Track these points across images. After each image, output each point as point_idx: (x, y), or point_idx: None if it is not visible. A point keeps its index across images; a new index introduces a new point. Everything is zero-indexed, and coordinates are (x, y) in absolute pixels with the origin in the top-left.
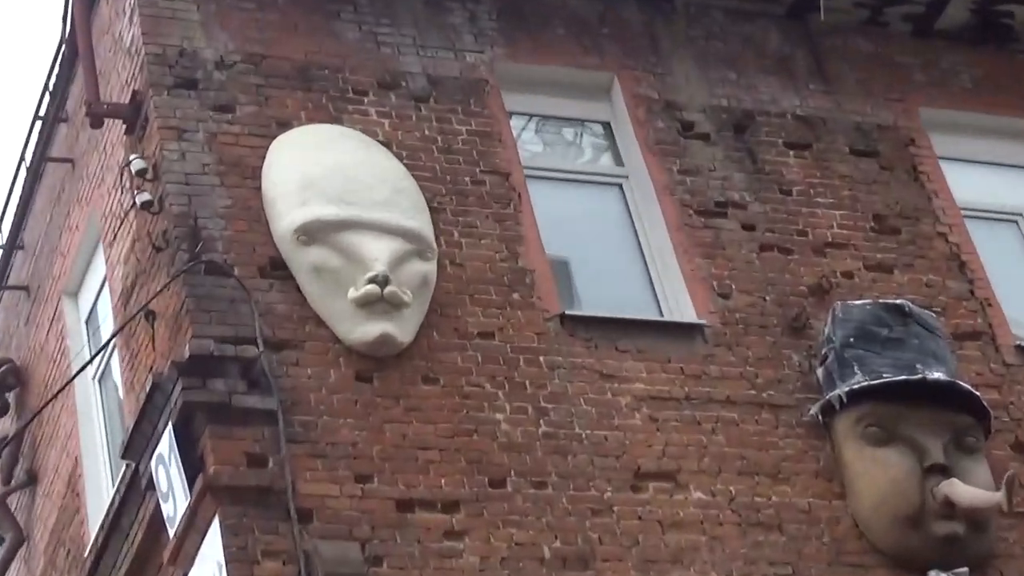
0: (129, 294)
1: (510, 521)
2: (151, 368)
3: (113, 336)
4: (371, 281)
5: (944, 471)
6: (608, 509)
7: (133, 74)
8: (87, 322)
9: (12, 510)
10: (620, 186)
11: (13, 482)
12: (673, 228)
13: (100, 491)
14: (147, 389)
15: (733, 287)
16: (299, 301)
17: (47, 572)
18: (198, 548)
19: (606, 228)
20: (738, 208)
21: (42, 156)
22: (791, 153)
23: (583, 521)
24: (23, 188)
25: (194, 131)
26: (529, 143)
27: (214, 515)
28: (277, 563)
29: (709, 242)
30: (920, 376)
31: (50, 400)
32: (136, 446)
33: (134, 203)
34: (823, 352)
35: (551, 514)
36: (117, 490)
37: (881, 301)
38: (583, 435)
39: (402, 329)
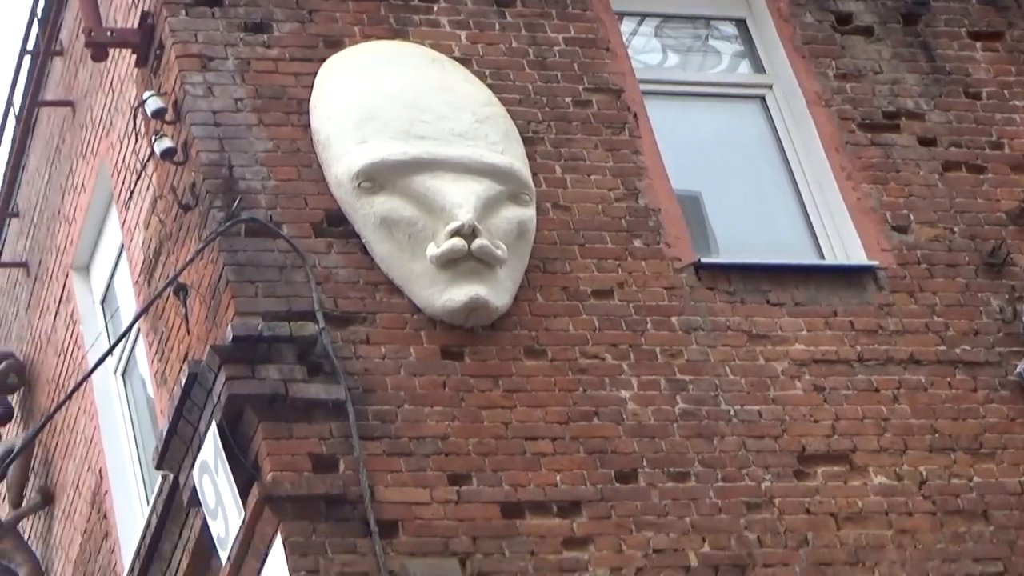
0: (153, 266)
1: (645, 523)
2: (186, 356)
3: (136, 319)
4: (455, 234)
5: None
6: (768, 502)
7: None
8: (103, 303)
9: (25, 538)
10: (762, 99)
11: (24, 504)
12: (831, 148)
13: (132, 510)
14: (183, 382)
15: (912, 218)
16: (365, 264)
17: None
18: (258, 574)
19: (746, 153)
20: (913, 118)
21: (33, 100)
22: (977, 45)
23: (737, 519)
24: (13, 141)
25: (222, 58)
26: (645, 51)
27: (275, 533)
28: None
29: (878, 163)
30: None
31: (63, 402)
32: (173, 453)
33: (152, 152)
34: None
35: (696, 512)
36: (153, 508)
37: None
38: (731, 412)
39: (496, 291)
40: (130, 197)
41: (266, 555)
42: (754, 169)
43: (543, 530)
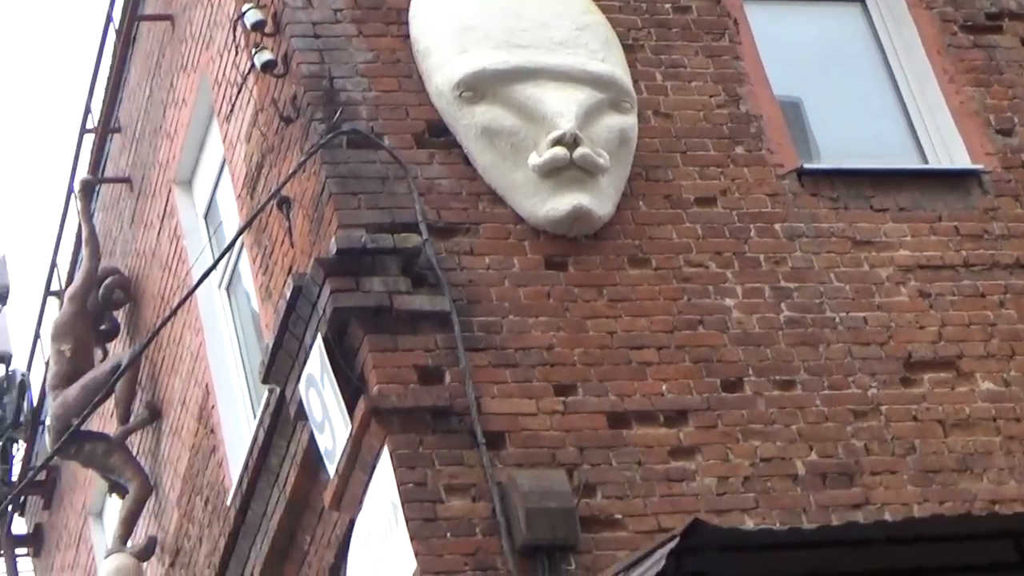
0: (255, 179)
1: (752, 432)
2: (290, 269)
3: (240, 233)
4: (557, 143)
5: None
6: (874, 409)
7: None
8: (206, 217)
9: (134, 454)
10: (862, 1)
11: (132, 420)
12: (933, 51)
13: (239, 424)
14: (287, 296)
15: (1016, 121)
16: (468, 174)
17: (182, 527)
18: (366, 488)
19: (847, 56)
20: (1017, 19)
21: (133, 15)
22: None
23: (843, 427)
24: (113, 57)
25: None
26: None
27: (382, 446)
28: (465, 500)
29: (981, 65)
30: None
31: (169, 317)
32: (279, 367)
33: (252, 65)
34: None
35: (802, 420)
36: (260, 422)
37: None
38: (836, 319)
39: (599, 200)
40: (231, 111)
41: (373, 467)
42: (855, 73)
43: (650, 440)
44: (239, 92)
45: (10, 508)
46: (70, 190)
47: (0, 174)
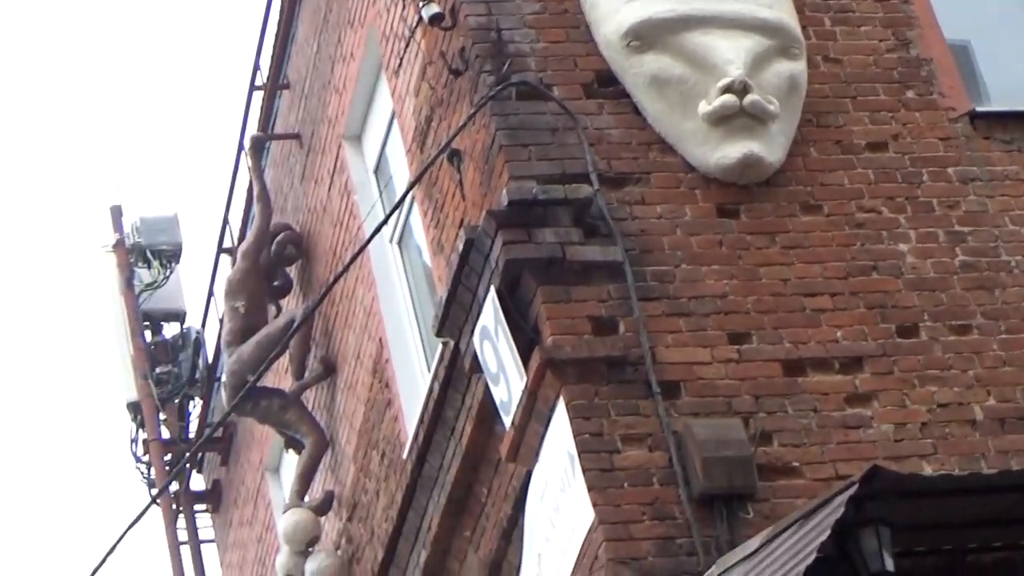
0: (425, 132)
1: (928, 377)
2: (461, 222)
3: (411, 187)
4: (726, 90)
5: None
6: None
7: None
8: (376, 172)
9: (309, 409)
10: None
11: (307, 375)
12: None
13: (414, 378)
14: (459, 249)
15: None
16: (638, 123)
17: (359, 481)
18: (542, 439)
19: None
20: None
21: None
22: None
23: (1021, 371)
24: (281, 13)
25: None
26: None
27: (558, 397)
28: (642, 450)
29: None
30: None
31: (342, 273)
32: (453, 320)
33: (420, 18)
34: None
35: (980, 364)
36: (435, 375)
37: None
38: (1012, 263)
39: (770, 147)
40: (399, 64)
41: (549, 419)
42: None
43: (825, 387)
44: (407, 46)
45: (188, 465)
46: (240, 147)
47: (172, 133)
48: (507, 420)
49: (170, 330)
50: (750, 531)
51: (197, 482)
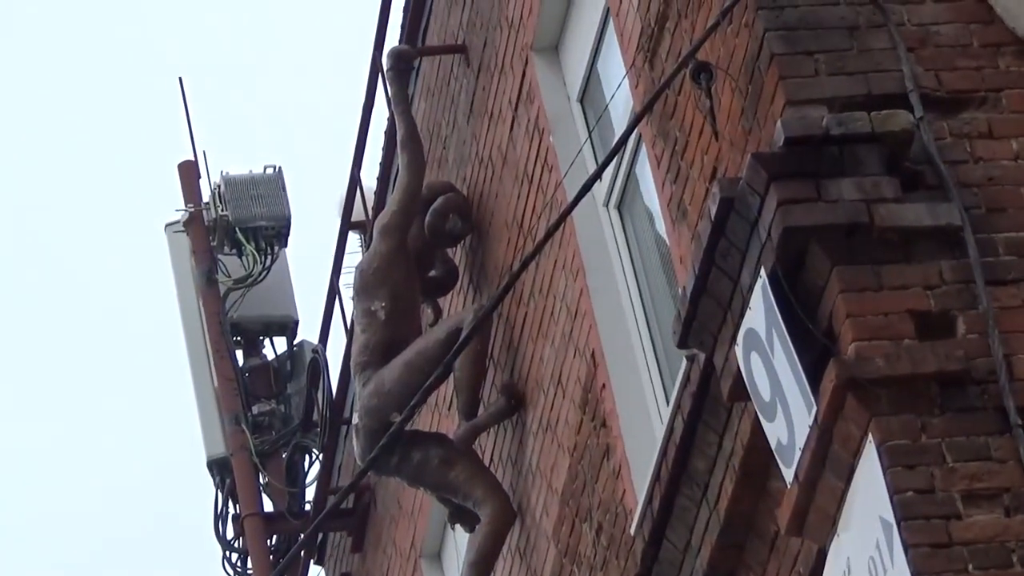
0: (656, 40)
1: None
2: (713, 173)
3: (636, 121)
4: None
5: None
6: None
7: None
8: (582, 100)
9: (485, 463)
10: None
11: (482, 412)
12: None
13: (645, 413)
14: (712, 213)
15: None
16: (980, 15)
17: (563, 570)
18: (842, 500)
19: None
20: None
21: None
22: None
23: None
24: None
25: None
26: None
27: (865, 435)
28: (995, 514)
29: None
30: None
31: (533, 254)
32: (703, 322)
33: None
34: None
35: None
36: (676, 407)
37: None
38: None
39: None
40: None
41: (852, 469)
42: None
43: None
44: None
45: (304, 553)
46: (375, 68)
47: (268, 50)
48: (788, 473)
49: (274, 348)
50: None
51: None
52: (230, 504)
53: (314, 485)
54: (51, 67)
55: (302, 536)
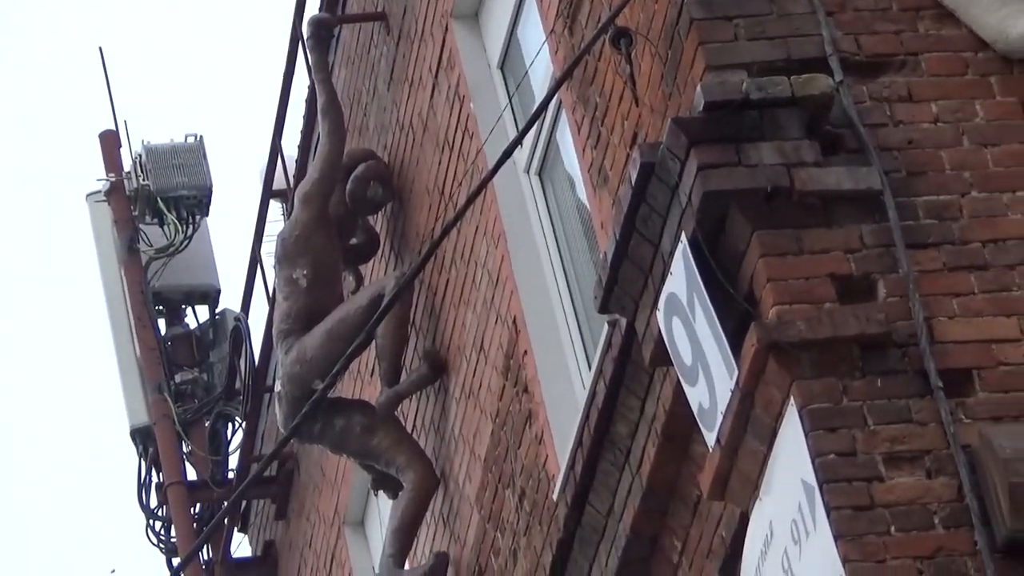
0: (576, 4)
1: None
2: (634, 138)
3: (557, 87)
4: None
5: None
6: None
7: None
8: (503, 67)
9: (408, 430)
10: None
11: (404, 379)
12: None
13: (567, 378)
14: (632, 178)
15: None
16: None
17: (487, 536)
18: (764, 463)
19: None
20: None
21: None
22: None
23: None
24: None
25: None
26: None
27: (787, 399)
28: (917, 476)
29: None
30: None
31: (454, 221)
32: (624, 287)
33: None
34: None
35: None
36: (598, 372)
37: None
38: None
39: None
40: None
41: (774, 433)
42: None
43: None
44: None
45: (227, 521)
46: (296, 36)
47: (189, 21)
48: (710, 438)
49: (196, 317)
50: None
51: (242, 546)
52: (153, 473)
53: (237, 453)
54: None
55: (225, 504)
